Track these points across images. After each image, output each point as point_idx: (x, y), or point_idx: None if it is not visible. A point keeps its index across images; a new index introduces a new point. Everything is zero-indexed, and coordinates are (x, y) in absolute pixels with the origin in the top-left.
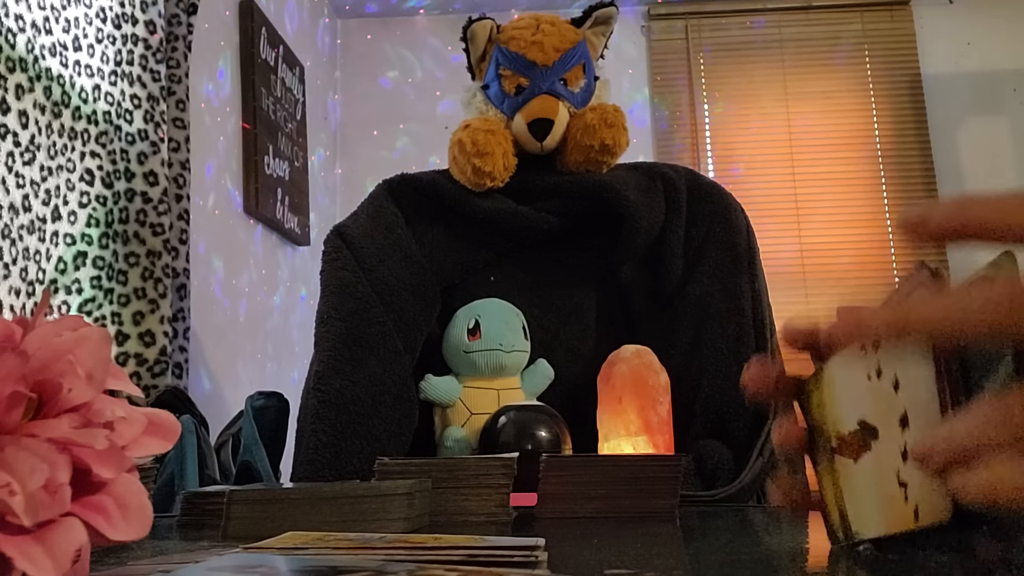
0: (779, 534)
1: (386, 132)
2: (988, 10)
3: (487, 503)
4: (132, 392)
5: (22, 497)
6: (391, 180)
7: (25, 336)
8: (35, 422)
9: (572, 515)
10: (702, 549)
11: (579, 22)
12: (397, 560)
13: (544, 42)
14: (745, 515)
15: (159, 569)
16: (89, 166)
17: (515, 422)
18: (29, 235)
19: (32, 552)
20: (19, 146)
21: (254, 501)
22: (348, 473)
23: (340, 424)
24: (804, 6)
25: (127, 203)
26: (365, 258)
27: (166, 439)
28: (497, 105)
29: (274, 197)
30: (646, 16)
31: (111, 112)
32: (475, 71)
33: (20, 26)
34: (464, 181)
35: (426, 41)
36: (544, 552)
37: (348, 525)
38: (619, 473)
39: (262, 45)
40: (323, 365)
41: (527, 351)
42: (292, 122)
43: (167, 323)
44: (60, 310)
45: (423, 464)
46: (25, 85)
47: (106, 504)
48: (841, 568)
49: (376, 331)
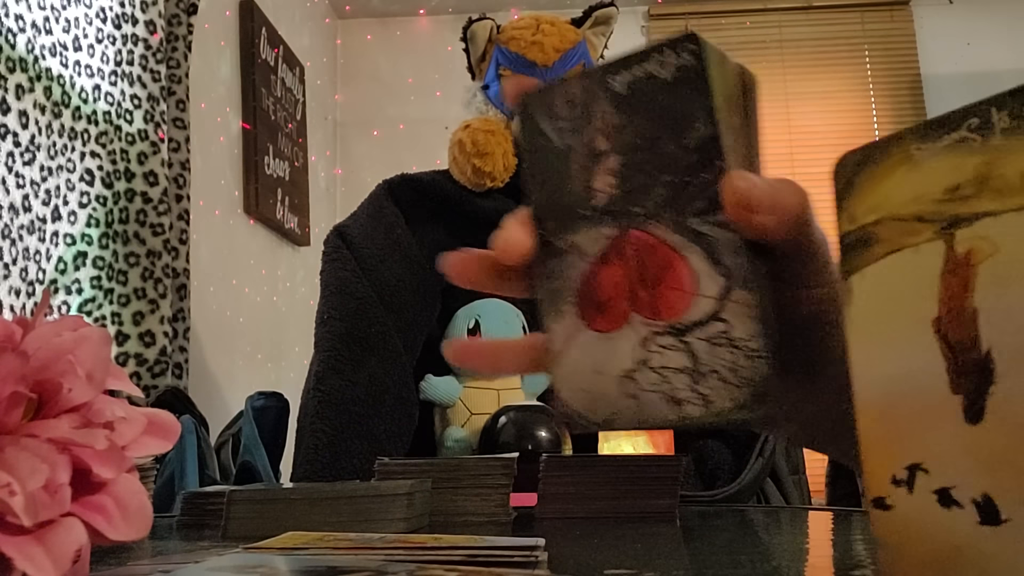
0: (779, 534)
1: (386, 132)
2: (988, 10)
3: (487, 503)
4: (132, 392)
5: (22, 497)
6: (391, 180)
7: (25, 336)
8: (35, 422)
9: (572, 515)
10: (702, 549)
11: (579, 22)
12: (397, 560)
13: (544, 42)
14: (745, 515)
15: (159, 569)
16: (89, 166)
17: (515, 422)
18: (29, 235)
19: (32, 552)
20: (19, 146)
21: (254, 501)
22: (348, 473)
23: (340, 424)
24: (804, 6)
25: (127, 203)
26: (365, 258)
27: (166, 439)
28: (497, 105)
29: (274, 197)
30: (646, 16)
31: (111, 112)
32: (475, 71)
33: (20, 26)
34: (464, 181)
35: (426, 41)
36: (544, 552)
37: (348, 525)
38: (619, 473)
39: (262, 45)
40: (323, 365)
41: None
42: (292, 122)
43: (167, 323)
44: (60, 310)
45: (423, 464)
46: (25, 85)
47: (106, 504)
48: (842, 568)
49: (376, 331)
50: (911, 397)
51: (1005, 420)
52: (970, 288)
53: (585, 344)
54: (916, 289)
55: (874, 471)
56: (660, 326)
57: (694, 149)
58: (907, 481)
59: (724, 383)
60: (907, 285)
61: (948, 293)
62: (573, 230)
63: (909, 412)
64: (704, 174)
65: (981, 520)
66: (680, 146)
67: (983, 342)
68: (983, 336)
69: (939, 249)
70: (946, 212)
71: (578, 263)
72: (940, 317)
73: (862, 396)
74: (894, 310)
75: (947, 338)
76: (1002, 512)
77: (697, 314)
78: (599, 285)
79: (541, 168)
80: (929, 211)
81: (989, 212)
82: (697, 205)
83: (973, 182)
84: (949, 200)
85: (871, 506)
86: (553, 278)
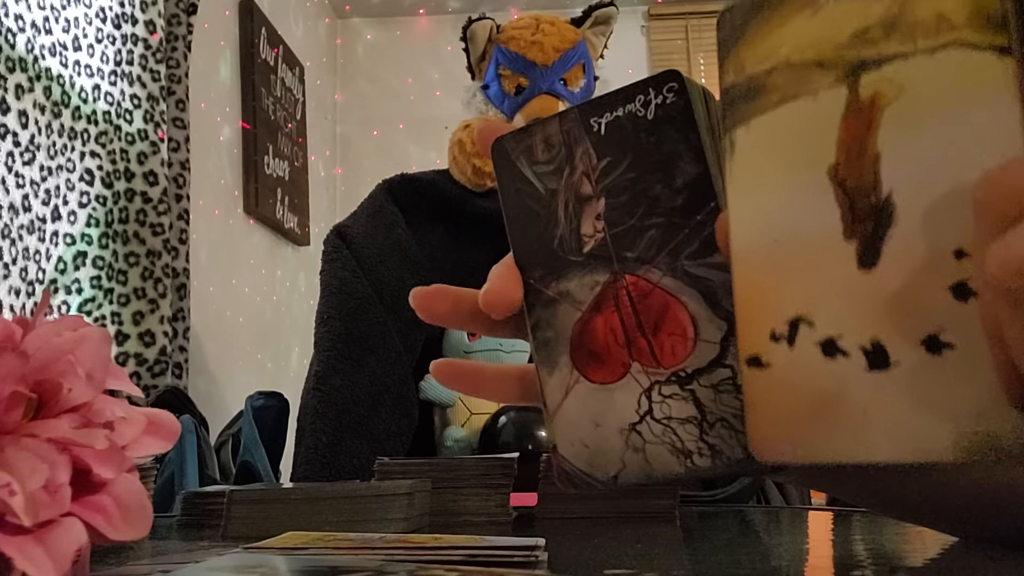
0: (779, 534)
1: (386, 132)
2: None
3: (487, 503)
4: (132, 392)
5: (22, 497)
6: (391, 180)
7: (25, 336)
8: (35, 422)
9: (572, 515)
10: (702, 549)
11: (579, 22)
12: (397, 560)
13: (544, 42)
14: (745, 515)
15: (159, 569)
16: (89, 166)
17: (515, 422)
18: (29, 235)
19: (32, 552)
20: (19, 146)
21: (254, 501)
22: (348, 473)
23: (340, 424)
24: None
25: (127, 203)
26: (365, 258)
27: (166, 439)
28: (497, 105)
29: (274, 197)
30: (646, 16)
31: (111, 112)
32: (475, 71)
33: (20, 26)
34: (464, 181)
35: (426, 41)
36: (544, 552)
37: (348, 525)
38: None
39: (262, 45)
40: (323, 365)
41: (527, 351)
42: (292, 122)
43: (167, 323)
44: (60, 310)
45: (423, 464)
46: (25, 85)
47: (106, 504)
48: (841, 568)
49: (376, 331)
50: (798, 247)
51: (901, 261)
52: (873, 132)
53: (583, 396)
54: (811, 137)
55: (749, 328)
56: (662, 374)
57: (683, 189)
58: (787, 336)
59: (732, 431)
60: (800, 134)
61: (848, 137)
62: (563, 277)
63: (794, 262)
64: (697, 215)
65: (869, 366)
66: (669, 187)
67: (883, 186)
68: (884, 179)
69: (841, 95)
70: (851, 56)
71: (571, 311)
72: (838, 164)
73: (740, 251)
74: (783, 160)
75: (844, 184)
76: (891, 355)
77: (700, 361)
78: (594, 334)
79: (524, 213)
80: (831, 56)
81: (899, 54)
82: (691, 248)
83: (883, 24)
84: (856, 44)
85: (744, 366)
86: (544, 328)
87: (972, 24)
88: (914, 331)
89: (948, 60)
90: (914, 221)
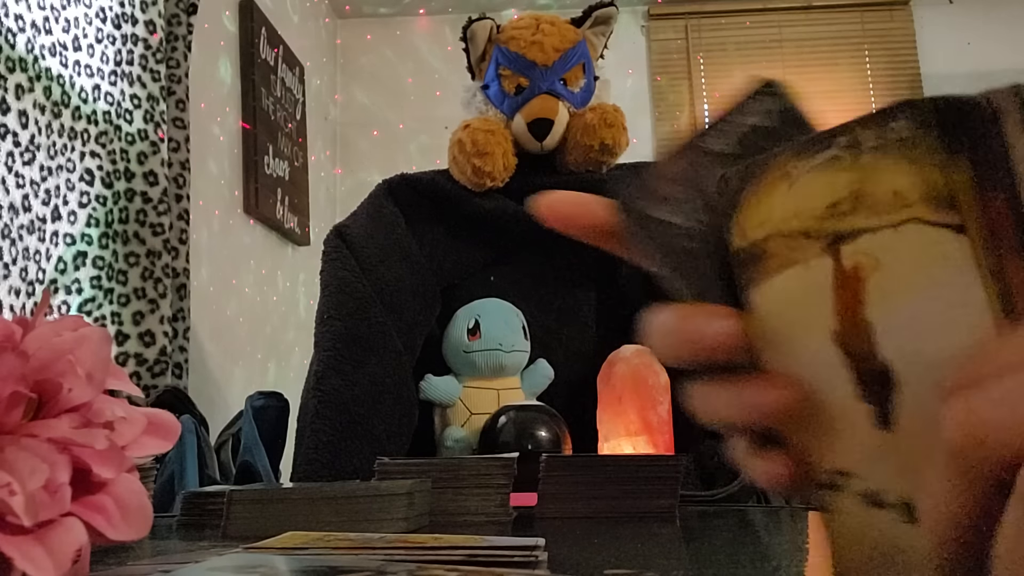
0: (779, 534)
1: (386, 132)
2: (988, 10)
3: (487, 503)
4: (132, 392)
5: (22, 497)
6: (391, 180)
7: (25, 336)
8: (35, 422)
9: (572, 515)
10: (702, 549)
11: (579, 22)
12: (397, 560)
13: (544, 42)
14: (745, 515)
15: (159, 569)
16: (89, 166)
17: (515, 422)
18: (29, 235)
19: (32, 552)
20: (19, 146)
21: (254, 501)
22: (348, 473)
23: (340, 424)
24: (804, 6)
25: (127, 203)
26: (365, 258)
27: (166, 439)
28: (497, 105)
29: (274, 197)
30: (646, 16)
31: (111, 112)
32: (475, 71)
33: (20, 26)
34: (464, 181)
35: (426, 41)
36: (544, 552)
37: (348, 525)
38: (619, 473)
39: (262, 45)
40: (323, 365)
41: (527, 351)
42: (292, 122)
43: (167, 323)
44: (60, 310)
45: (423, 464)
46: (25, 85)
47: (106, 504)
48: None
49: (376, 331)
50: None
51: (912, 426)
52: (862, 302)
53: None
54: (813, 303)
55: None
56: None
57: None
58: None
59: None
60: (803, 299)
61: (842, 307)
62: None
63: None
64: None
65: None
66: None
67: (881, 354)
68: (879, 349)
69: (827, 264)
70: (829, 228)
71: None
72: (837, 331)
73: None
74: (794, 323)
75: (848, 349)
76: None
77: None
78: None
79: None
80: (814, 227)
81: (867, 229)
82: None
83: (849, 199)
84: (830, 217)
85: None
86: None
87: (925, 202)
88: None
89: (911, 236)
90: (916, 387)
